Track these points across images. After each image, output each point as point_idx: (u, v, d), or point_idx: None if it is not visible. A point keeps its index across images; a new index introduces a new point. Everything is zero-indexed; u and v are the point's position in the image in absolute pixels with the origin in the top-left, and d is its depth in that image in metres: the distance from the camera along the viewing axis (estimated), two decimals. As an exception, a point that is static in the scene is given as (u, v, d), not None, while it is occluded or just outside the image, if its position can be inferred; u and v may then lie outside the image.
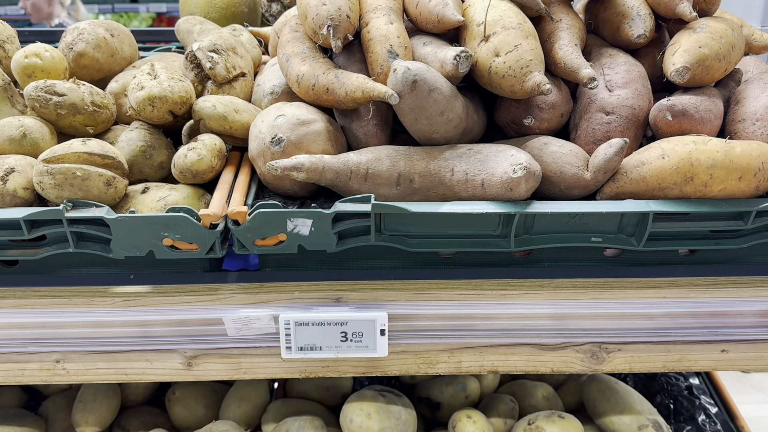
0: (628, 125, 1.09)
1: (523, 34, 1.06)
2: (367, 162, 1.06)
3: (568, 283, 1.08)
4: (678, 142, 1.04)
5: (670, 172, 1.02)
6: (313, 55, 1.14)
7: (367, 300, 1.05)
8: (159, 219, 1.00)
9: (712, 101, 1.11)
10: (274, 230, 1.02)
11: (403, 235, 1.08)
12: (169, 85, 1.07)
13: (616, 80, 1.11)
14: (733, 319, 1.09)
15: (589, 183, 1.05)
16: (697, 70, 1.09)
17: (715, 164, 1.01)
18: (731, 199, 1.04)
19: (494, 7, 1.08)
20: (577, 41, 1.13)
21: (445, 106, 1.05)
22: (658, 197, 1.04)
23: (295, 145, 1.05)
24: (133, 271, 1.11)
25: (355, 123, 1.13)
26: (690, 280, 1.08)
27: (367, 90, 1.05)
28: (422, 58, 1.12)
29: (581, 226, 1.07)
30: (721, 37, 1.12)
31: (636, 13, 1.16)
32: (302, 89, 1.12)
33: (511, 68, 1.04)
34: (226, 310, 1.03)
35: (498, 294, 1.06)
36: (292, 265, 1.11)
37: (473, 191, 1.05)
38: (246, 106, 1.14)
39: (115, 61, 1.31)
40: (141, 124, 1.14)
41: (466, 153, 1.07)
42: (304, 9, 1.12)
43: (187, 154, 1.06)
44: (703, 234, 1.09)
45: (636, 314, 1.07)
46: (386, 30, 1.10)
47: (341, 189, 1.07)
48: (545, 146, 1.08)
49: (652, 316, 1.08)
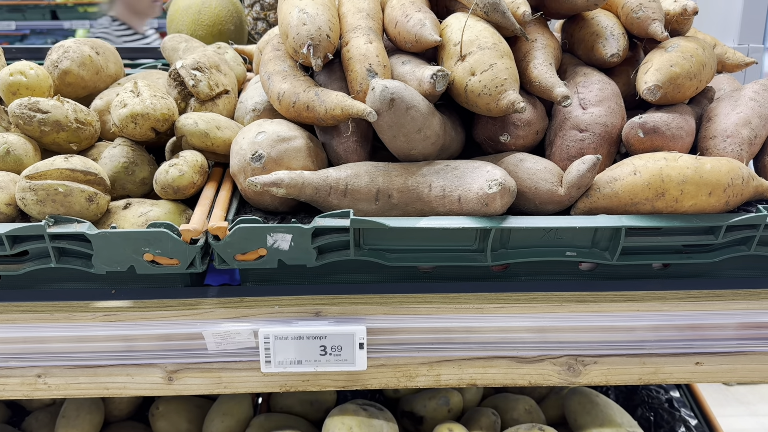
0: (601, 142, 1.12)
1: (498, 53, 1.08)
2: (347, 178, 1.07)
3: (543, 296, 1.10)
4: (649, 158, 1.06)
5: (641, 187, 1.04)
6: (294, 73, 1.16)
7: (347, 314, 1.06)
8: (140, 234, 1.01)
9: (684, 118, 1.14)
10: (254, 245, 1.03)
11: (382, 250, 1.09)
12: (152, 103, 1.09)
13: (590, 98, 1.14)
14: (707, 331, 1.11)
15: (563, 198, 1.08)
16: (669, 88, 1.12)
17: (686, 180, 1.03)
18: (702, 214, 1.07)
19: (470, 27, 1.11)
20: (551, 60, 1.15)
21: (422, 124, 1.07)
22: (630, 212, 1.07)
23: (275, 162, 1.07)
24: (115, 285, 1.12)
25: (336, 139, 1.15)
26: (663, 294, 1.10)
27: (346, 108, 1.07)
28: (401, 77, 1.15)
29: (556, 240, 1.09)
30: (692, 56, 1.15)
31: (609, 33, 1.19)
32: (283, 107, 1.14)
33: (487, 87, 1.07)
34: (206, 324, 1.04)
35: (475, 307, 1.08)
36: (272, 279, 1.12)
37: (450, 206, 1.07)
38: (228, 123, 1.16)
39: (100, 79, 1.33)
40: (124, 141, 1.15)
41: (443, 169, 1.09)
42: (285, 29, 1.14)
43: (169, 170, 1.07)
44: (675, 248, 1.11)
45: (611, 327, 1.09)
46: (365, 49, 1.13)
47: (321, 204, 1.08)
48: (521, 163, 1.11)
49: (627, 329, 1.10)
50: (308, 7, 1.13)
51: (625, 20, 1.20)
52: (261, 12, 1.92)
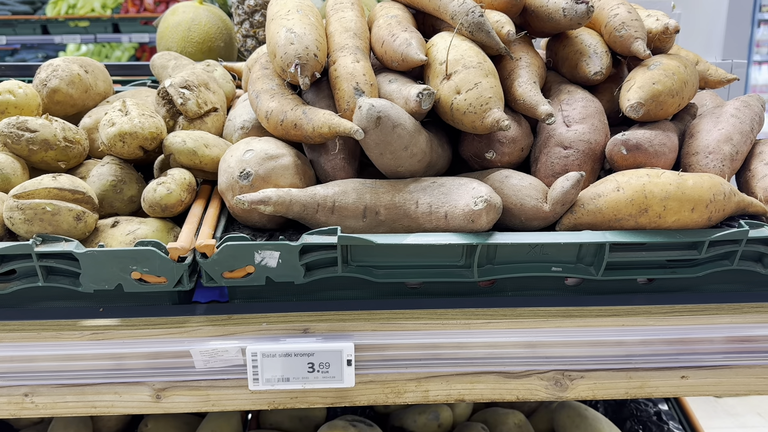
0: (585, 159, 1.13)
1: (483, 72, 1.10)
2: (334, 195, 1.08)
3: (530, 311, 1.11)
4: (632, 175, 1.08)
5: (625, 204, 1.06)
6: (282, 91, 1.17)
7: (335, 330, 1.07)
8: (127, 253, 1.02)
9: (667, 135, 1.15)
10: (242, 263, 1.04)
11: (370, 266, 1.10)
12: (140, 122, 1.10)
13: (574, 116, 1.15)
14: (692, 346, 1.12)
15: (548, 215, 1.09)
16: (651, 105, 1.14)
17: (669, 196, 1.05)
18: (685, 229, 1.08)
19: (456, 46, 1.13)
20: (536, 79, 1.17)
21: (409, 141, 1.08)
22: (614, 228, 1.08)
23: (263, 179, 1.08)
24: (103, 304, 1.12)
25: (323, 157, 1.16)
26: (648, 308, 1.11)
27: (333, 126, 1.08)
28: (387, 95, 1.16)
29: (542, 256, 1.10)
30: (674, 74, 1.17)
31: (593, 51, 1.21)
32: (271, 125, 1.15)
33: (472, 105, 1.08)
34: (193, 342, 1.04)
35: (462, 323, 1.09)
36: (260, 296, 1.13)
37: (437, 223, 1.08)
38: (216, 141, 1.17)
39: (89, 97, 1.34)
40: (112, 159, 1.16)
41: (430, 186, 1.10)
42: (273, 48, 1.15)
43: (157, 188, 1.08)
44: (659, 263, 1.12)
45: (597, 342, 1.10)
46: (353, 68, 1.14)
47: (308, 221, 1.09)
48: (506, 179, 1.12)
49: (613, 343, 1.10)
50: (296, 27, 1.14)
51: (608, 38, 1.22)
52: (250, 29, 1.93)
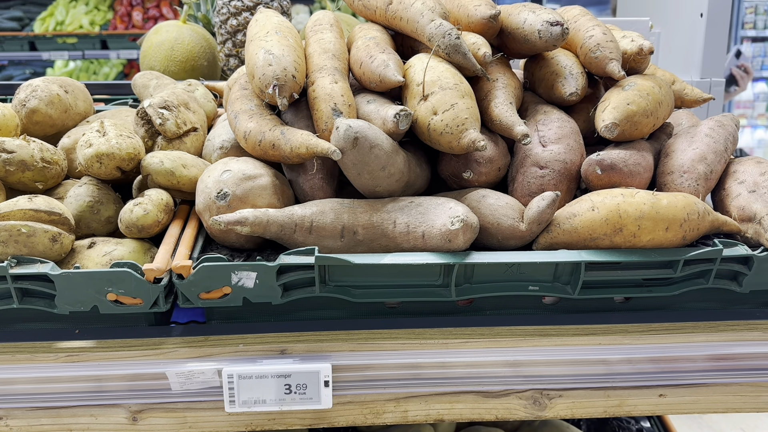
0: (561, 179, 1.14)
1: (459, 93, 1.11)
2: (312, 215, 1.09)
3: (507, 330, 1.11)
4: (607, 194, 1.09)
5: (600, 223, 1.07)
6: (261, 112, 1.18)
7: (312, 351, 1.07)
8: (103, 274, 1.01)
9: (641, 155, 1.17)
10: (219, 283, 1.04)
11: (348, 286, 1.10)
12: (117, 142, 1.10)
13: (550, 136, 1.16)
14: (669, 364, 1.12)
15: (524, 234, 1.10)
16: (626, 125, 1.15)
17: (643, 216, 1.06)
18: (660, 248, 1.09)
19: (432, 68, 1.14)
20: (512, 99, 1.18)
21: (386, 162, 1.09)
22: (590, 247, 1.09)
23: (240, 200, 1.08)
24: (79, 325, 1.11)
25: (302, 177, 1.16)
26: (624, 327, 1.11)
27: (311, 146, 1.09)
28: (366, 116, 1.17)
29: (519, 275, 1.11)
30: (648, 94, 1.19)
31: (569, 72, 1.23)
32: (249, 145, 1.15)
33: (448, 126, 1.09)
34: (169, 364, 1.04)
35: (440, 343, 1.09)
36: (238, 317, 1.12)
37: (415, 242, 1.09)
38: (194, 161, 1.17)
39: (68, 117, 1.34)
40: (90, 180, 1.16)
41: (407, 206, 1.11)
42: (252, 69, 1.16)
43: (133, 209, 1.08)
44: (635, 282, 1.13)
45: (574, 361, 1.10)
46: (331, 89, 1.15)
47: (286, 242, 1.09)
48: (483, 199, 1.13)
49: (590, 362, 1.11)
50: (274, 48, 1.15)
51: (583, 59, 1.24)
52: (233, 49, 1.94)
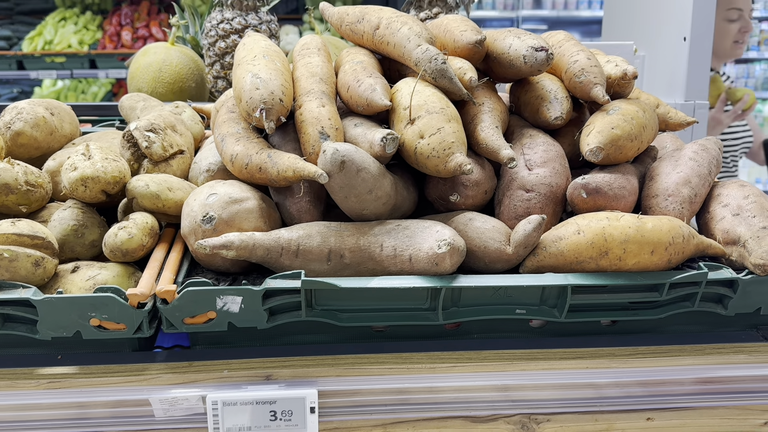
0: (546, 202, 1.15)
1: (445, 117, 1.12)
2: (299, 238, 1.08)
3: (495, 354, 1.10)
4: (592, 218, 1.09)
5: (585, 246, 1.07)
6: (248, 135, 1.18)
7: (298, 377, 1.05)
8: (86, 300, 1.00)
9: (626, 178, 1.18)
10: (204, 308, 1.03)
11: (335, 310, 1.09)
12: (102, 166, 1.10)
13: (535, 159, 1.17)
14: (656, 387, 1.12)
15: (511, 257, 1.10)
16: (610, 149, 1.16)
17: (628, 239, 1.06)
18: (646, 271, 1.10)
19: (419, 92, 1.15)
20: (498, 123, 1.19)
21: (373, 185, 1.09)
22: (576, 270, 1.09)
23: (226, 223, 1.08)
24: (62, 351, 1.10)
25: (289, 200, 1.16)
26: (611, 351, 1.11)
27: (297, 170, 1.09)
28: (353, 139, 1.17)
29: (506, 298, 1.11)
30: (633, 118, 1.20)
31: (554, 97, 1.24)
32: (236, 168, 1.15)
33: (435, 149, 1.10)
34: (152, 390, 1.02)
35: (428, 367, 1.08)
36: (223, 341, 1.11)
37: (402, 266, 1.08)
38: (180, 184, 1.17)
39: (54, 139, 1.33)
40: (74, 203, 1.15)
41: (394, 229, 1.11)
42: (239, 93, 1.16)
43: (118, 233, 1.07)
44: (622, 305, 1.13)
45: (561, 384, 1.10)
46: (318, 113, 1.15)
47: (272, 265, 1.09)
48: (470, 222, 1.13)
49: (578, 386, 1.10)
50: (261, 72, 1.16)
51: (568, 84, 1.25)
52: (221, 71, 1.95)
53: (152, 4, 6.44)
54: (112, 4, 6.51)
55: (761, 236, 1.10)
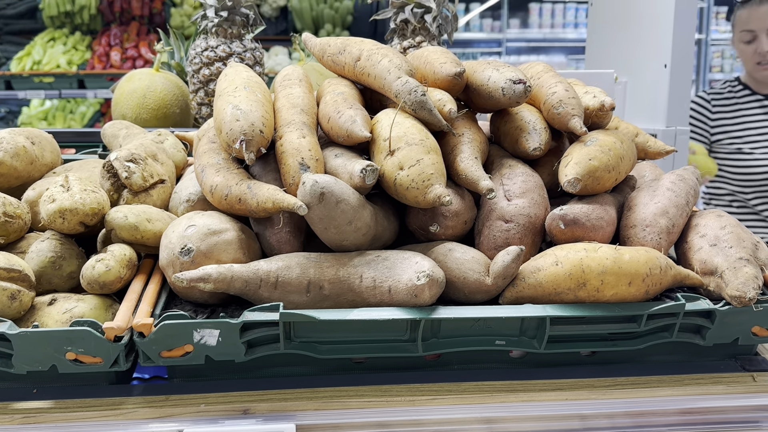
0: (525, 232, 1.15)
1: (425, 149, 1.13)
2: (277, 270, 1.08)
3: (475, 386, 1.10)
4: (570, 249, 1.10)
5: (564, 278, 1.08)
6: (228, 166, 1.18)
7: (276, 411, 1.05)
8: (62, 333, 0.99)
9: (604, 209, 1.19)
10: (180, 341, 1.02)
11: (314, 342, 1.09)
12: (81, 198, 1.09)
13: (514, 190, 1.18)
14: (635, 419, 1.12)
15: (490, 288, 1.10)
16: (588, 180, 1.17)
17: (606, 271, 1.07)
18: (624, 303, 1.10)
19: (399, 124, 1.16)
20: (477, 154, 1.20)
21: (353, 216, 1.09)
22: (555, 301, 1.09)
23: (204, 255, 1.07)
24: (37, 384, 1.08)
25: (269, 230, 1.16)
26: (591, 382, 1.12)
27: (277, 201, 1.09)
28: (333, 170, 1.18)
29: (486, 329, 1.11)
30: (610, 149, 1.21)
31: (532, 128, 1.25)
32: (215, 199, 1.15)
33: (414, 181, 1.11)
34: (129, 425, 1.01)
35: (407, 400, 1.08)
36: (201, 374, 1.10)
37: (381, 297, 1.08)
38: (160, 215, 1.17)
39: (35, 168, 1.32)
40: (53, 234, 1.14)
41: (374, 260, 1.11)
42: (220, 124, 1.17)
43: (95, 265, 1.06)
44: (601, 336, 1.14)
45: (541, 416, 1.09)
46: (298, 144, 1.16)
47: (251, 297, 1.08)
48: (450, 252, 1.13)
49: (557, 417, 1.10)
50: (242, 104, 1.16)
51: (547, 115, 1.26)
52: (205, 98, 1.96)
53: (141, 24, 6.47)
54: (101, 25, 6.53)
55: (737, 267, 1.11)
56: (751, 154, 2.84)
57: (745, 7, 2.81)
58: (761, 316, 1.12)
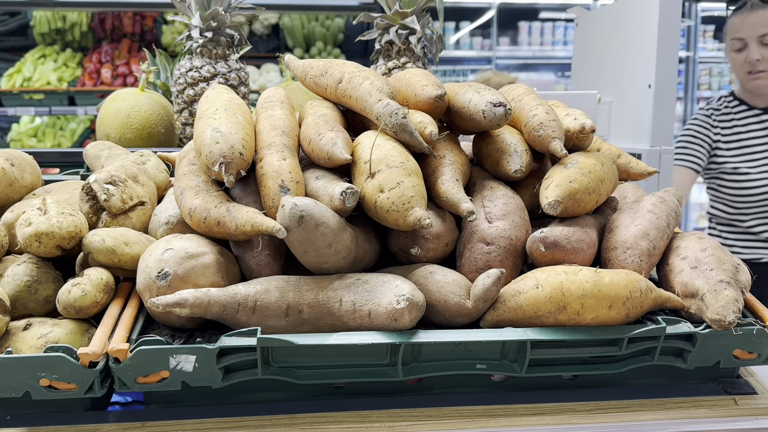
0: (506, 255, 1.15)
1: (405, 172, 1.12)
2: (256, 294, 1.07)
3: (455, 411, 1.09)
4: (551, 272, 1.10)
5: (544, 301, 1.07)
6: (207, 188, 1.17)
7: (253, 437, 1.03)
8: (35, 360, 0.98)
9: (585, 231, 1.19)
10: (156, 367, 1.01)
11: (292, 367, 1.08)
12: (58, 221, 1.08)
13: (495, 212, 1.18)
14: (618, 442, 1.11)
15: (471, 311, 1.09)
16: (569, 203, 1.17)
17: (586, 294, 1.07)
18: (604, 326, 1.10)
19: (380, 146, 1.15)
20: (458, 176, 1.20)
21: (332, 239, 1.09)
22: (535, 325, 1.09)
23: (182, 279, 1.06)
24: (11, 410, 1.07)
25: (248, 253, 1.15)
26: (572, 406, 1.11)
27: (256, 224, 1.08)
28: (314, 192, 1.17)
29: (466, 353, 1.10)
30: (590, 172, 1.21)
31: (513, 150, 1.25)
32: (194, 222, 1.14)
33: (394, 204, 1.10)
34: (102, 453, 0.99)
35: (387, 426, 1.06)
36: (177, 400, 1.09)
37: (361, 321, 1.07)
38: (138, 238, 1.16)
39: (14, 190, 1.32)
40: (29, 257, 1.13)
41: (354, 283, 1.10)
42: (199, 146, 1.16)
43: (71, 290, 1.05)
44: (582, 359, 1.13)
45: (523, 441, 1.09)
46: (279, 166, 1.16)
47: (229, 322, 1.07)
48: (430, 275, 1.13)
49: (539, 442, 1.09)
50: (222, 126, 1.16)
51: (528, 137, 1.27)
52: (190, 118, 1.95)
53: (133, 42, 6.49)
54: (92, 42, 6.54)
55: (718, 290, 1.11)
56: (748, 174, 2.74)
57: (736, 14, 2.73)
58: (742, 339, 1.12)
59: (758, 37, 2.66)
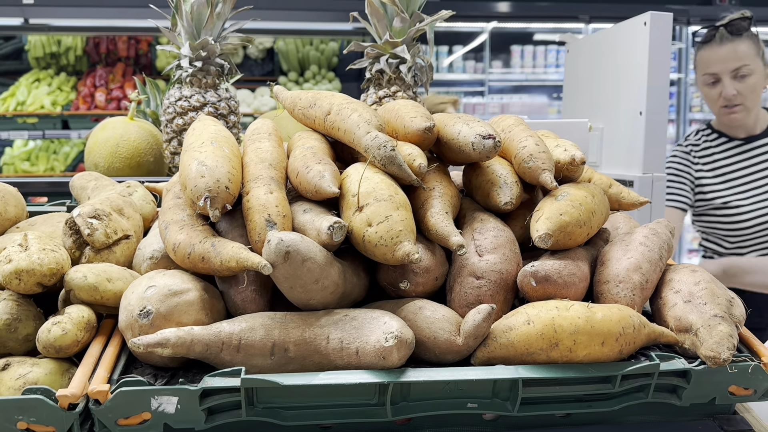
0: (497, 289, 1.13)
1: (394, 205, 1.11)
2: (240, 332, 1.05)
3: (446, 452, 1.06)
4: (542, 307, 1.08)
5: (536, 337, 1.05)
6: (192, 222, 1.15)
7: (237, 481, 1.00)
8: (12, 402, 0.95)
9: (576, 265, 1.17)
10: (138, 409, 0.98)
11: (278, 407, 1.05)
12: (39, 258, 1.06)
13: (486, 245, 1.16)
14: (613, 482, 1.09)
15: (461, 348, 1.07)
16: (559, 236, 1.16)
17: (578, 330, 1.05)
18: (597, 363, 1.07)
19: (368, 179, 1.14)
20: (448, 209, 1.19)
21: (319, 275, 1.07)
22: (527, 362, 1.07)
23: (164, 317, 1.04)
24: (-13, 454, 1.03)
25: (233, 289, 1.13)
26: (566, 445, 1.08)
27: (241, 260, 1.06)
28: (301, 226, 1.15)
29: (457, 392, 1.07)
30: (581, 204, 1.20)
31: (503, 182, 1.24)
32: (178, 258, 1.12)
33: (383, 238, 1.08)
34: (80, 500, 0.96)
35: (375, 468, 1.03)
36: (160, 442, 1.05)
37: (348, 359, 1.05)
38: (121, 274, 1.13)
39: (-4, 223, 1.29)
40: (9, 295, 1.10)
41: (341, 320, 1.08)
42: (185, 180, 1.14)
43: (51, 328, 1.02)
44: (575, 397, 1.10)
45: (515, 483, 1.06)
46: (265, 199, 1.14)
47: (213, 361, 1.04)
48: (420, 311, 1.11)
49: (532, 483, 1.06)
50: (207, 160, 1.14)
51: (518, 169, 1.26)
52: (179, 147, 1.94)
53: (127, 66, 6.50)
54: (87, 66, 6.56)
55: (712, 325, 1.09)
56: (739, 207, 2.66)
57: (704, 48, 2.64)
58: (738, 375, 1.10)
59: (731, 72, 2.58)
